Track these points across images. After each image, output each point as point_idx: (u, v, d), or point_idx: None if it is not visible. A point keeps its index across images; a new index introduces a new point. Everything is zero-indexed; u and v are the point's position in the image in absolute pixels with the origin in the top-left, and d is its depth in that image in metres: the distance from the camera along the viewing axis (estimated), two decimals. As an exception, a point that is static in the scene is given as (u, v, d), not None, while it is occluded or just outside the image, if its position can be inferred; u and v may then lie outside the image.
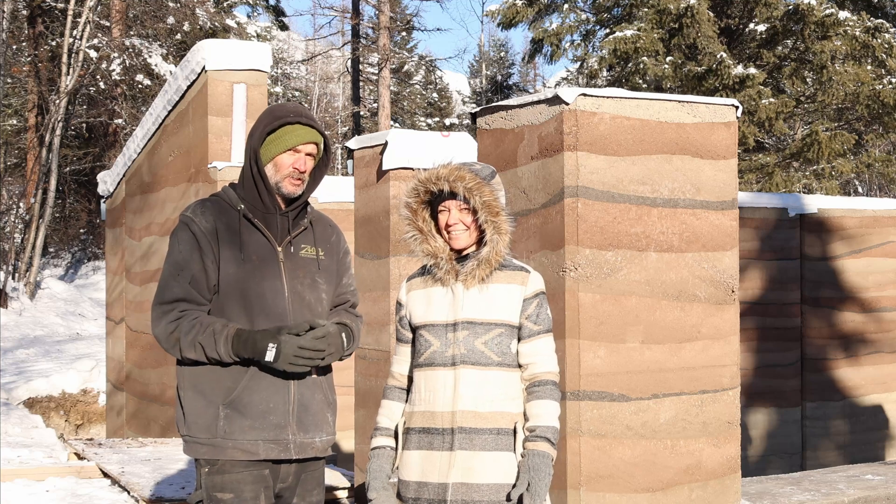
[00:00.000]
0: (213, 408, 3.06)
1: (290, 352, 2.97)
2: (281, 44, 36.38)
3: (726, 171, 4.64)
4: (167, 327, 3.04)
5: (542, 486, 3.05)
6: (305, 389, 3.14)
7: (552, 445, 3.11)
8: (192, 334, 3.00)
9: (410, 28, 34.11)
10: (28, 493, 5.93)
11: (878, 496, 5.57)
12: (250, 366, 3.06)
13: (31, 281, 18.70)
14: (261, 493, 3.08)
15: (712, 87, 17.39)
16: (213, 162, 8.01)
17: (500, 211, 3.16)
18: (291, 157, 3.14)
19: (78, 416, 13.16)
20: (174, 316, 3.04)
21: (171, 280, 3.07)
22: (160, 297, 3.08)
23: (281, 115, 3.14)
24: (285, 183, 3.14)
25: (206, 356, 3.02)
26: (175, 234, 3.13)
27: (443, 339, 3.16)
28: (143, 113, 19.16)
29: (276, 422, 3.08)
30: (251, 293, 3.07)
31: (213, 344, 2.99)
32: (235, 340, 2.99)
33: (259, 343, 2.98)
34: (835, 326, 9.78)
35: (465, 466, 3.08)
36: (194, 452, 3.11)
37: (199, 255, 3.06)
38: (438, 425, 3.13)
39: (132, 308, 10.46)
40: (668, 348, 4.45)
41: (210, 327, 3.01)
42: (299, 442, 3.13)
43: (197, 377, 3.09)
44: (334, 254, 3.31)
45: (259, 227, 3.13)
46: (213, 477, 3.07)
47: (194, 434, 3.09)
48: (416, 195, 3.24)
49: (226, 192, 3.20)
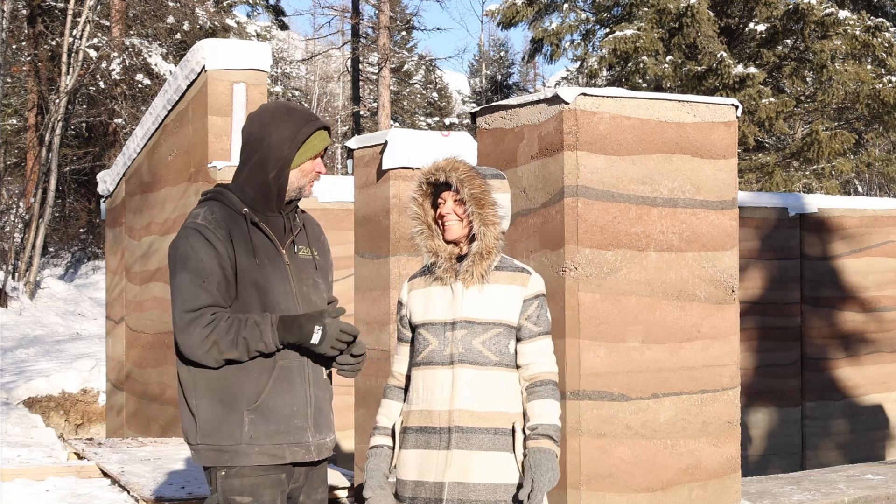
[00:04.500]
0: (235, 414, 3.02)
1: (333, 334, 2.99)
2: (281, 43, 36.37)
3: (726, 171, 4.64)
4: (202, 332, 2.95)
5: (545, 482, 3.05)
6: (318, 390, 3.14)
7: (555, 443, 3.11)
8: (232, 332, 2.95)
9: (410, 27, 34.13)
10: (28, 492, 5.93)
11: (878, 496, 5.57)
12: (273, 369, 3.03)
13: (30, 280, 18.70)
14: (278, 497, 3.07)
15: (712, 87, 17.39)
16: (213, 161, 8.01)
17: (487, 204, 3.15)
18: (313, 162, 3.16)
19: (78, 415, 13.16)
20: (207, 320, 2.96)
21: (195, 288, 2.99)
22: (186, 305, 2.98)
23: (306, 120, 3.12)
24: (307, 187, 3.16)
25: (248, 351, 2.97)
26: (187, 241, 3.04)
27: (441, 338, 3.17)
28: (143, 112, 19.14)
29: (299, 424, 3.08)
30: (269, 296, 3.06)
31: (259, 335, 2.96)
32: (281, 326, 2.98)
33: (305, 326, 2.98)
34: (835, 326, 9.78)
35: (461, 466, 3.08)
36: (213, 461, 3.04)
37: (218, 262, 3.01)
38: (435, 424, 3.14)
39: (132, 307, 10.46)
40: (668, 348, 4.44)
41: (250, 320, 2.97)
42: (317, 443, 3.13)
43: (215, 384, 3.03)
44: (324, 252, 3.31)
45: (265, 231, 3.11)
46: (232, 480, 3.04)
47: (214, 442, 3.03)
48: (420, 188, 3.26)
49: (226, 196, 3.14)
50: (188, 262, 3.02)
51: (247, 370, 3.03)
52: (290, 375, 3.07)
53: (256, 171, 3.11)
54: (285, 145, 3.08)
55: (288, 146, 3.08)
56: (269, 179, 3.09)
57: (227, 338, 2.95)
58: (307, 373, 3.11)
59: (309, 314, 3.02)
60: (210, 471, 3.09)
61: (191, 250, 3.02)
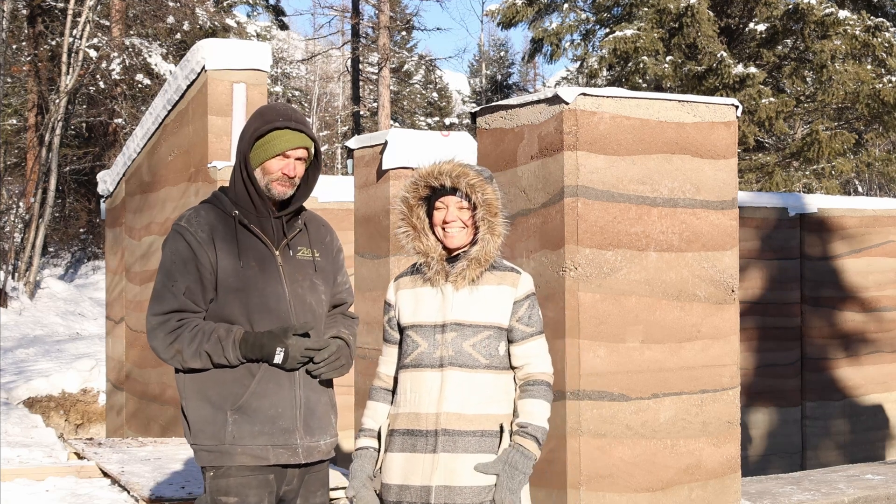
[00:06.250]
0: (220, 414, 3.04)
1: (296, 355, 3.00)
2: (281, 43, 36.35)
3: (726, 171, 4.64)
4: (165, 339, 3.00)
5: (514, 483, 3.04)
6: (311, 392, 3.13)
7: (539, 447, 3.10)
8: (195, 344, 2.97)
9: (410, 27, 34.11)
10: (28, 492, 5.93)
11: (878, 496, 5.57)
12: (257, 370, 3.04)
13: (30, 280, 18.70)
14: (265, 497, 3.07)
15: (712, 87, 17.38)
16: (213, 161, 8.02)
17: (499, 212, 3.14)
18: (281, 163, 3.08)
19: (78, 415, 13.16)
20: (171, 326, 3.00)
21: (164, 291, 3.03)
22: (154, 308, 3.04)
23: (270, 119, 3.08)
24: (274, 185, 3.09)
25: (212, 363, 3.00)
26: (168, 242, 3.08)
27: (431, 341, 3.14)
28: (143, 112, 19.15)
29: (285, 426, 3.07)
30: (253, 298, 3.05)
31: (221, 350, 2.98)
32: (243, 345, 2.99)
33: (266, 347, 2.99)
34: (835, 326, 9.77)
35: (447, 469, 3.06)
36: (202, 460, 3.08)
37: (194, 265, 3.02)
38: (423, 427, 3.11)
39: (132, 307, 10.46)
40: (668, 348, 4.44)
41: (214, 334, 2.98)
42: (307, 446, 3.12)
43: (201, 385, 3.05)
44: (329, 254, 3.29)
45: (255, 232, 3.10)
46: (219, 481, 3.06)
47: (200, 442, 3.06)
48: (415, 190, 3.18)
49: (218, 198, 3.16)
50: (164, 262, 3.07)
51: (232, 371, 3.03)
52: (277, 377, 3.06)
53: (234, 172, 3.15)
54: (244, 141, 3.10)
55: (246, 142, 3.09)
56: (242, 178, 3.11)
57: (190, 348, 2.99)
58: (297, 375, 3.09)
59: (272, 332, 3.01)
60: (203, 471, 3.12)
61: (169, 252, 3.07)
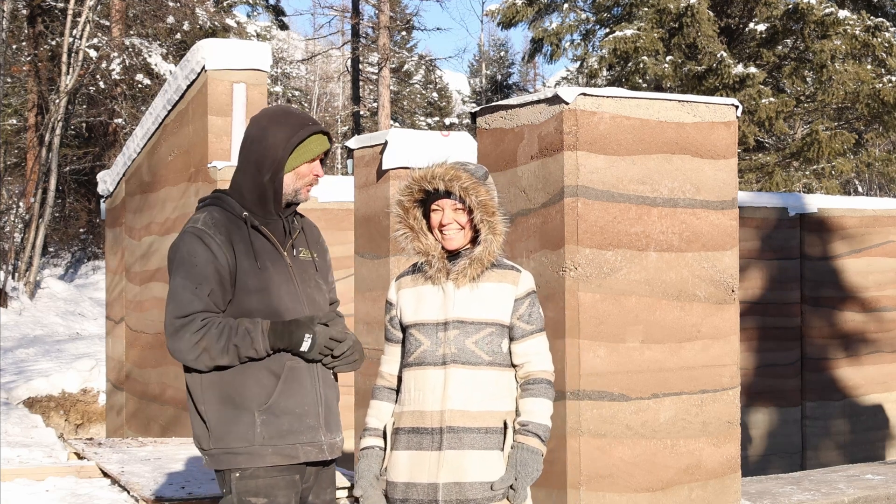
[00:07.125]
0: (247, 415, 3.02)
1: (322, 342, 3.03)
2: (281, 43, 36.36)
3: (726, 171, 4.64)
4: (191, 338, 2.97)
5: (527, 481, 3.07)
6: (327, 389, 3.15)
7: (543, 443, 3.12)
8: (223, 339, 2.97)
9: (410, 27, 34.12)
10: (28, 492, 5.93)
11: (878, 496, 5.57)
12: (280, 369, 3.05)
13: (30, 280, 18.70)
14: (292, 498, 3.07)
15: (712, 87, 17.39)
16: (213, 161, 8.02)
17: (496, 211, 3.17)
18: (310, 166, 3.16)
19: (78, 415, 13.16)
20: (197, 326, 2.98)
21: (188, 294, 3.00)
22: (176, 310, 3.01)
23: (302, 124, 3.13)
24: (303, 191, 3.16)
25: (239, 357, 2.99)
26: (186, 245, 3.05)
27: (433, 339, 3.16)
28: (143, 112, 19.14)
29: (311, 424, 3.09)
30: (272, 300, 3.07)
31: (250, 342, 2.98)
32: (271, 334, 3.00)
33: (295, 334, 3.01)
34: (835, 326, 9.77)
35: (454, 466, 3.08)
36: (227, 464, 3.04)
37: (214, 268, 3.02)
38: (428, 425, 3.13)
39: (132, 307, 10.46)
40: (668, 348, 4.44)
41: (241, 327, 2.99)
42: (329, 442, 3.14)
43: (221, 387, 3.04)
44: (324, 254, 3.33)
45: (265, 234, 3.12)
46: (247, 481, 3.03)
47: (227, 444, 3.03)
48: (410, 193, 3.22)
49: (223, 200, 3.15)
50: (183, 266, 3.04)
51: (254, 371, 3.03)
52: (299, 375, 3.08)
53: (253, 174, 3.13)
54: (279, 148, 3.10)
55: (282, 149, 3.10)
56: (265, 182, 3.10)
57: (218, 344, 2.97)
58: (316, 372, 3.12)
59: (299, 321, 3.04)
60: (223, 473, 3.08)
61: (187, 255, 3.04)
